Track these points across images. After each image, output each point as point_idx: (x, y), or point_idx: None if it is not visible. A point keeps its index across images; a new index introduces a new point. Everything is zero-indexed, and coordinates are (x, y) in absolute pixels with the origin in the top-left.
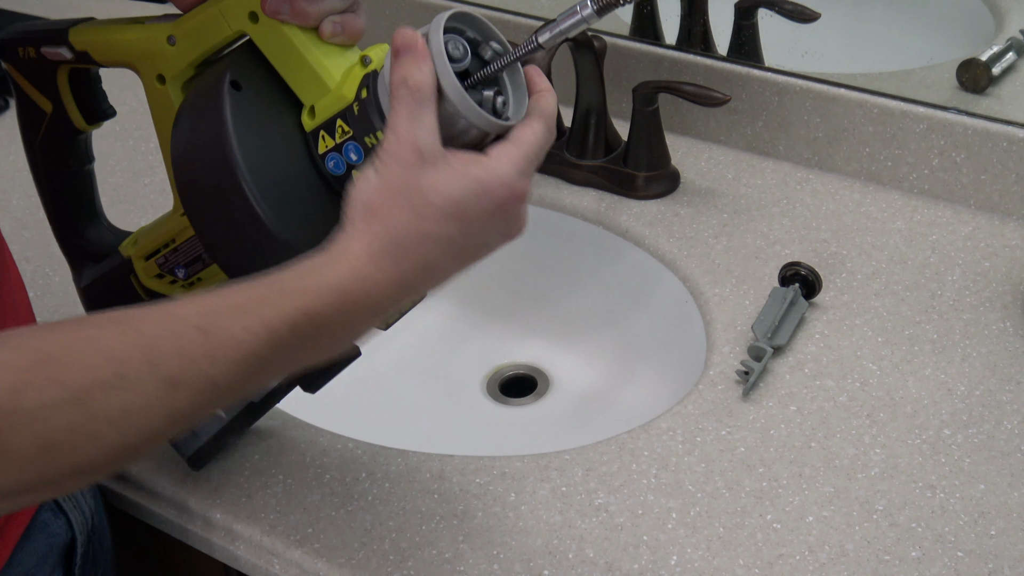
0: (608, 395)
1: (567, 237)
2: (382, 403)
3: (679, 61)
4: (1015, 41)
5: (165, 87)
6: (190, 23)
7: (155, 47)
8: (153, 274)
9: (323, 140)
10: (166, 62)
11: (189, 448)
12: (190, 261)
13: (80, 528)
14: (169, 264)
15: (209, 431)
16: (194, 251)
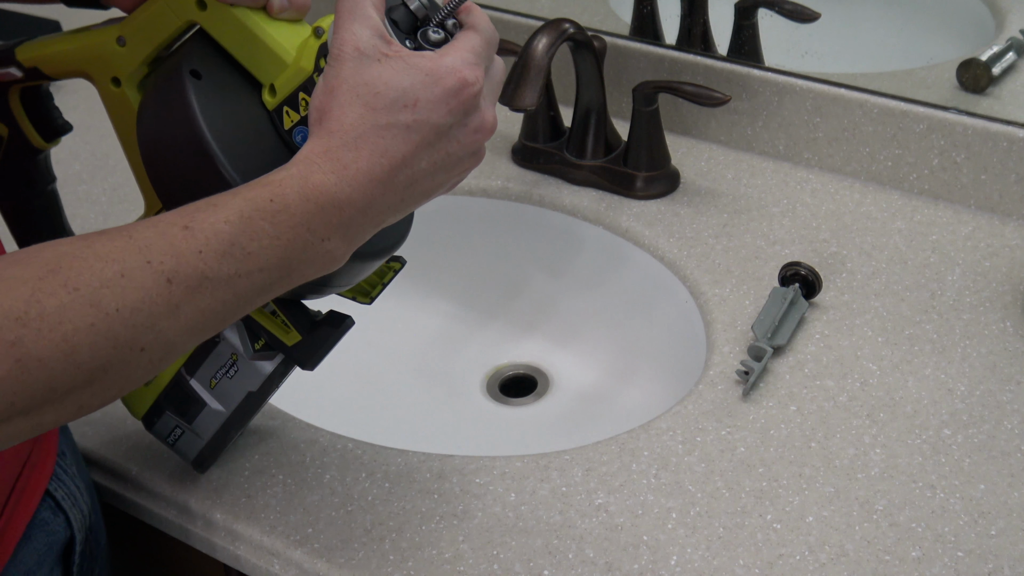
0: (608, 395)
1: (567, 237)
2: (382, 403)
3: (679, 61)
4: (1015, 41)
5: (121, 89)
6: (137, 20)
7: (106, 50)
8: None
9: (287, 115)
10: (118, 64)
11: (192, 450)
12: None
13: (79, 526)
14: None
15: (209, 429)
16: None
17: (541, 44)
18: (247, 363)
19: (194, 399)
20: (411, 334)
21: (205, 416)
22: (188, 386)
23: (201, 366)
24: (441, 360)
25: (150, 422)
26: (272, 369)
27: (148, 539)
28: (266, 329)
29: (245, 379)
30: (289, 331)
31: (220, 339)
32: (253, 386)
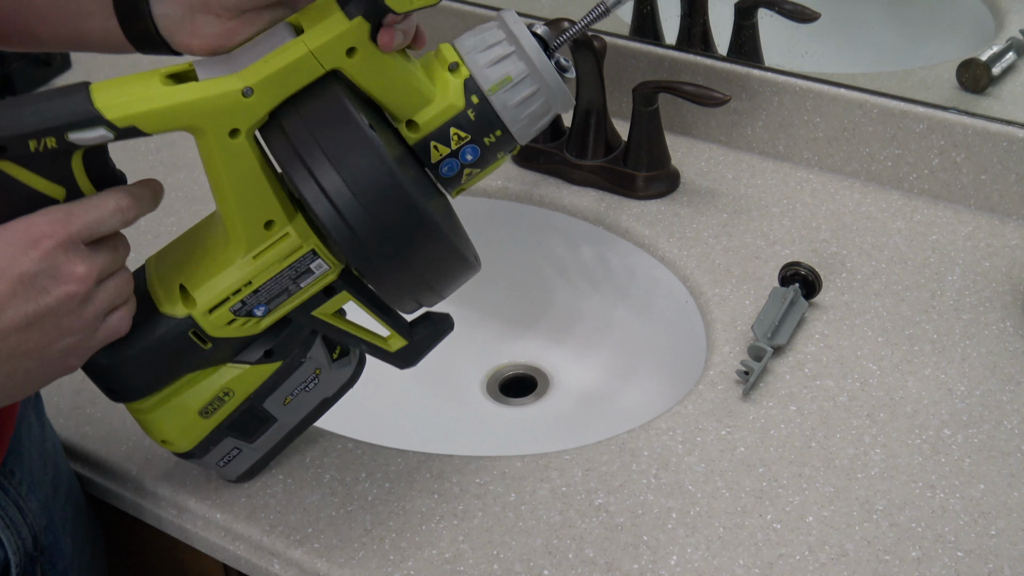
0: (608, 395)
1: (567, 237)
2: (382, 403)
3: (679, 61)
4: (1015, 41)
5: (240, 140)
6: (270, 70)
7: (228, 103)
8: (225, 322)
9: (435, 150)
10: (242, 115)
11: (243, 465)
12: (273, 297)
13: (14, 550)
14: (248, 307)
15: (271, 441)
16: (278, 287)
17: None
18: (328, 373)
19: (265, 420)
20: None
21: (271, 431)
22: (261, 410)
23: (276, 390)
24: (441, 360)
25: (203, 450)
26: (351, 373)
27: (148, 539)
28: (364, 341)
29: (323, 388)
30: (389, 338)
31: (304, 360)
32: (329, 392)
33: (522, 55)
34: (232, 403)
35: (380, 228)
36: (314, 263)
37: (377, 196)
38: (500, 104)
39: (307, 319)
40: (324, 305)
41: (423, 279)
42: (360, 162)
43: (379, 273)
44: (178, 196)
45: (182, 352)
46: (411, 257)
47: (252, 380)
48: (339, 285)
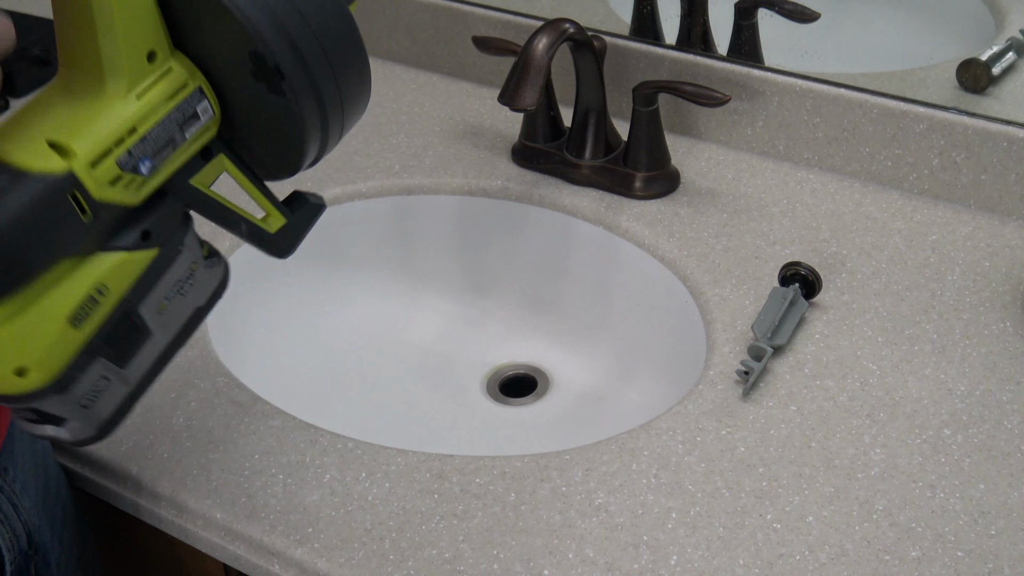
0: (608, 395)
1: (567, 237)
2: (382, 403)
3: (679, 61)
4: (1015, 41)
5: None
6: None
7: None
8: (109, 179)
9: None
10: None
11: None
12: (160, 148)
13: (9, 547)
14: (134, 160)
15: (142, 367)
16: (165, 134)
17: (541, 44)
18: (202, 272)
19: (140, 332)
20: (411, 334)
21: (144, 352)
22: (137, 317)
23: (154, 288)
24: (441, 360)
25: (70, 379)
26: (221, 275)
27: (147, 539)
28: (245, 218)
29: (197, 292)
30: (268, 217)
31: (182, 248)
32: (201, 299)
33: None
34: (107, 304)
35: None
36: (200, 105)
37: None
38: None
39: (185, 190)
40: (202, 172)
41: (338, 76)
42: None
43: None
44: None
45: (58, 224)
46: (327, 40)
47: (129, 271)
48: (216, 146)
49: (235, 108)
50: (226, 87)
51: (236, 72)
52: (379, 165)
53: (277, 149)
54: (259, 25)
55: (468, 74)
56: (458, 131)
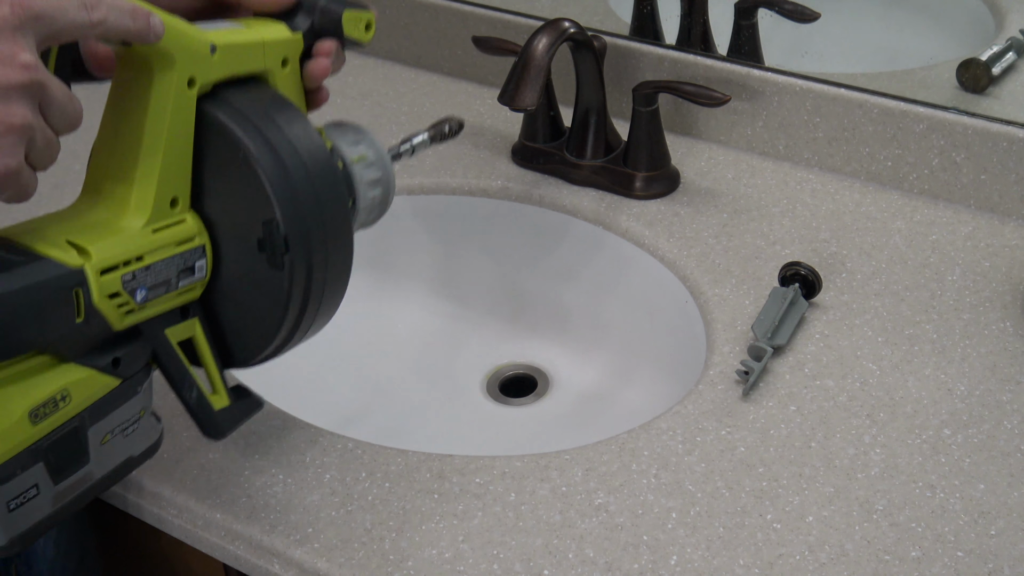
0: (608, 395)
1: (567, 237)
2: (382, 403)
3: (679, 61)
4: (1015, 41)
5: (192, 93)
6: (233, 41)
7: (198, 48)
8: (110, 292)
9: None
10: (203, 69)
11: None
12: (156, 284)
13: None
14: (134, 284)
15: (66, 496)
16: (165, 274)
17: (541, 44)
18: (146, 421)
19: (80, 455)
20: (411, 334)
21: (74, 480)
22: (83, 438)
23: (107, 416)
24: (441, 360)
25: (7, 474)
26: (158, 437)
27: (148, 539)
28: (197, 385)
29: (135, 441)
30: (218, 393)
31: (139, 390)
32: (136, 450)
33: (371, 144)
34: (64, 413)
35: (324, 228)
36: (199, 262)
37: (316, 165)
38: (358, 176)
39: (157, 337)
40: (176, 326)
41: (327, 279)
42: (303, 134)
43: (301, 279)
44: None
45: (55, 312)
46: (332, 263)
47: (93, 389)
48: (195, 309)
49: (226, 277)
50: (226, 254)
51: (241, 239)
52: None
53: (245, 330)
54: (281, 196)
55: (468, 74)
56: None
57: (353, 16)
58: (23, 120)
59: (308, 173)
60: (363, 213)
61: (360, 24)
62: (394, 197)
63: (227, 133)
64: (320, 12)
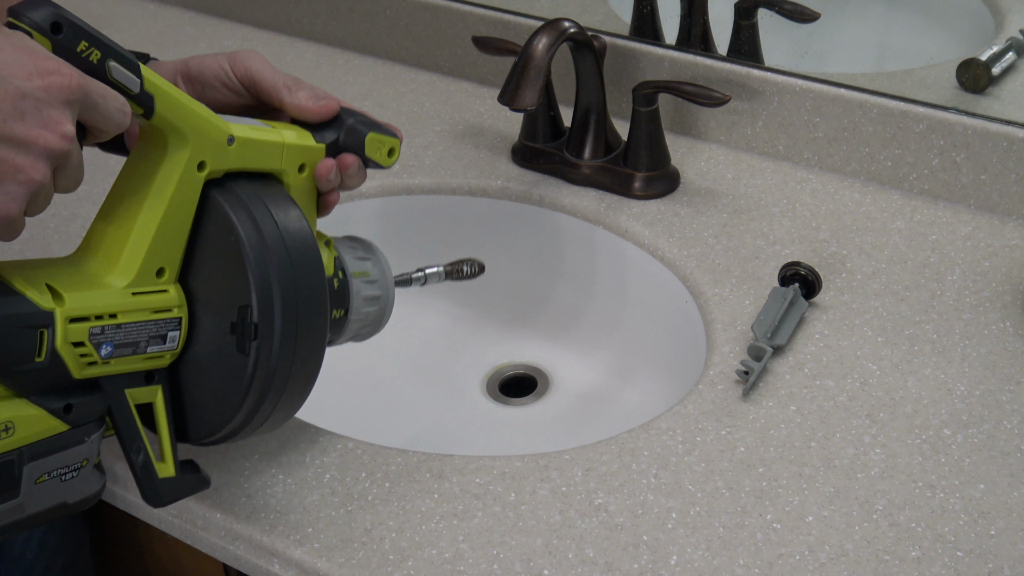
0: (608, 395)
1: (567, 237)
2: (382, 403)
3: (679, 61)
4: (1015, 41)
5: (200, 176)
6: (251, 135)
7: (216, 135)
8: (75, 340)
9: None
10: (216, 156)
11: None
12: (124, 343)
13: None
14: (102, 338)
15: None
16: (134, 336)
17: (541, 44)
18: (87, 473)
19: (10, 488)
20: (411, 334)
21: (2, 508)
22: (18, 472)
23: (46, 457)
24: (441, 360)
25: None
26: (97, 489)
27: (148, 539)
28: (145, 449)
29: (72, 488)
30: (165, 462)
31: (86, 440)
32: (71, 498)
33: (376, 263)
34: (4, 443)
35: (296, 326)
36: (172, 332)
37: (304, 265)
38: (355, 289)
39: (116, 395)
40: (138, 389)
41: (290, 374)
42: (297, 234)
43: (264, 368)
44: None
45: (18, 348)
46: (298, 359)
47: (37, 428)
48: (160, 376)
49: (194, 354)
50: (201, 330)
51: (217, 319)
52: None
53: (205, 408)
54: (260, 284)
55: (468, 74)
56: (458, 131)
57: (376, 139)
58: (42, 178)
59: (294, 270)
60: (354, 325)
61: (383, 149)
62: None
63: (223, 215)
64: (347, 130)
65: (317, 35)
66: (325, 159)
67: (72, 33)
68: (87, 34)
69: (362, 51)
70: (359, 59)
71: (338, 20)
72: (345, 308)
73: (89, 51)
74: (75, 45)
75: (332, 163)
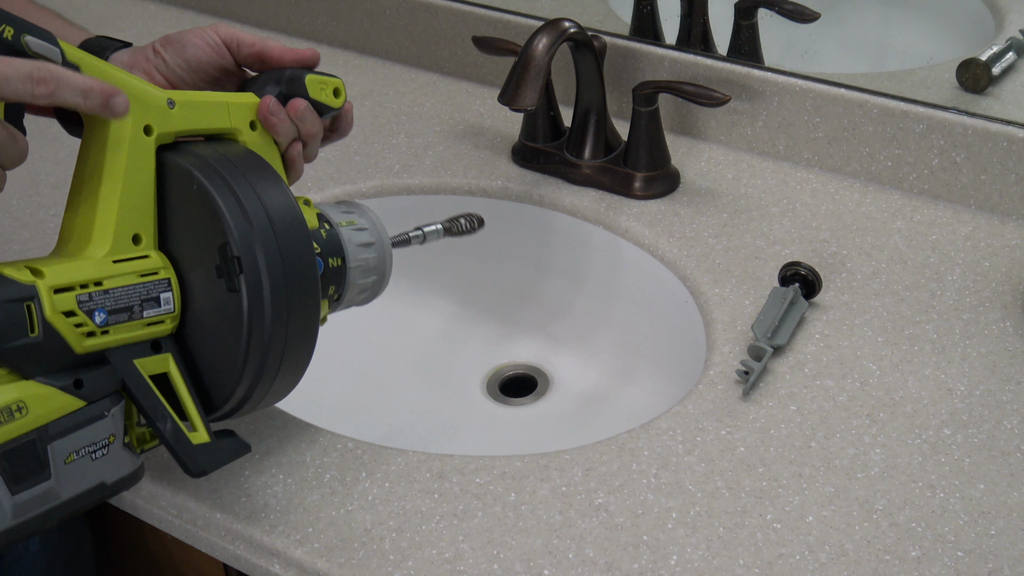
0: (608, 395)
1: (567, 237)
2: (382, 403)
3: (679, 61)
4: (1015, 41)
5: (149, 140)
6: (193, 99)
7: (154, 100)
8: (64, 310)
9: None
10: (160, 119)
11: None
12: (117, 309)
13: None
14: (92, 304)
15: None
16: (125, 300)
17: (541, 44)
18: (117, 449)
19: (39, 469)
20: (411, 334)
21: (36, 494)
22: (43, 452)
23: (69, 435)
24: (441, 360)
25: None
26: (134, 469)
27: (148, 539)
28: (171, 417)
29: (107, 466)
30: (197, 430)
31: (107, 414)
32: (109, 477)
33: (363, 214)
34: (21, 423)
35: (281, 256)
36: (164, 294)
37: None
38: (346, 237)
39: (126, 365)
40: (147, 359)
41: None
42: (277, 194)
43: (258, 300)
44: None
45: (6, 324)
46: (293, 296)
47: (51, 406)
48: (167, 344)
49: (196, 314)
50: (194, 290)
51: (205, 272)
52: (379, 165)
53: (219, 365)
54: (234, 218)
55: (468, 74)
56: (458, 131)
57: (317, 80)
58: None
59: (262, 199)
60: (356, 273)
61: (327, 88)
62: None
63: (182, 170)
64: (287, 80)
65: (317, 35)
66: (263, 98)
67: None
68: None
69: (362, 51)
70: (359, 59)
71: (338, 20)
72: (341, 256)
73: (1, 28)
74: None
75: (270, 98)
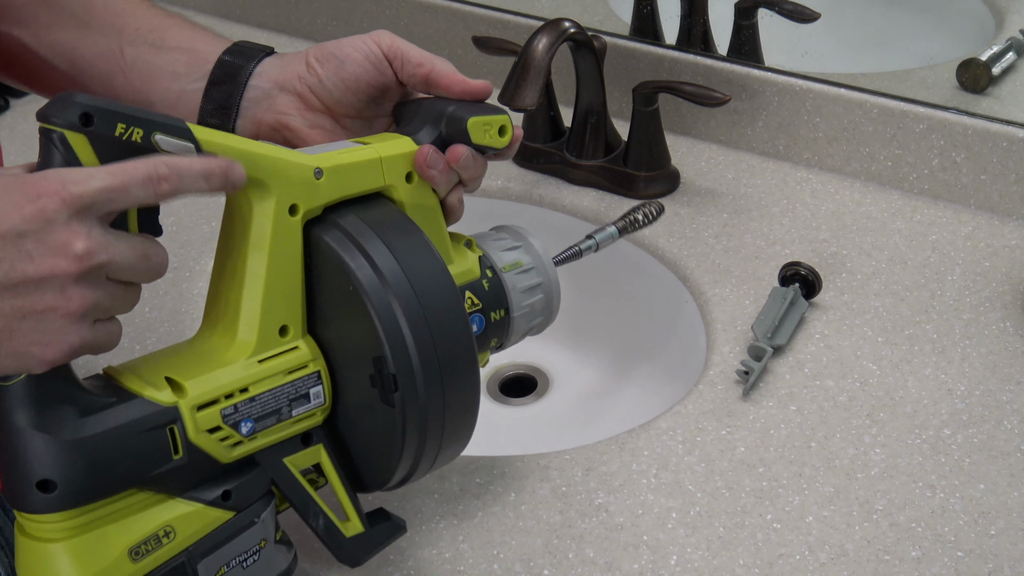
0: (608, 395)
1: (567, 237)
2: None
3: (679, 61)
4: (1015, 41)
5: (295, 220)
6: (341, 161)
7: (300, 175)
8: (208, 427)
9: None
10: (307, 195)
11: None
12: (264, 415)
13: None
14: (237, 416)
15: None
16: (273, 404)
17: (541, 44)
18: (269, 552)
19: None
20: None
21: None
22: (192, 571)
23: (219, 549)
24: None
25: None
26: (288, 565)
27: None
28: (324, 512)
29: (258, 571)
30: (349, 520)
31: (256, 521)
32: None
33: (529, 249)
34: (169, 549)
35: (439, 363)
36: (314, 389)
37: (432, 295)
38: (511, 283)
39: (276, 466)
40: (297, 454)
41: (446, 413)
42: (419, 259)
43: (415, 411)
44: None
45: (150, 452)
46: (450, 389)
47: (200, 524)
48: (317, 436)
49: (346, 404)
50: (344, 382)
51: (357, 369)
52: None
53: (371, 457)
54: (391, 332)
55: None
56: None
57: (480, 122)
58: (80, 305)
59: (421, 305)
60: (520, 321)
61: (491, 130)
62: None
63: (335, 258)
64: (447, 121)
65: (317, 35)
66: (420, 147)
67: (104, 120)
68: (122, 115)
69: None
70: None
71: (338, 20)
72: (504, 307)
73: (129, 131)
74: (111, 131)
75: (428, 148)
